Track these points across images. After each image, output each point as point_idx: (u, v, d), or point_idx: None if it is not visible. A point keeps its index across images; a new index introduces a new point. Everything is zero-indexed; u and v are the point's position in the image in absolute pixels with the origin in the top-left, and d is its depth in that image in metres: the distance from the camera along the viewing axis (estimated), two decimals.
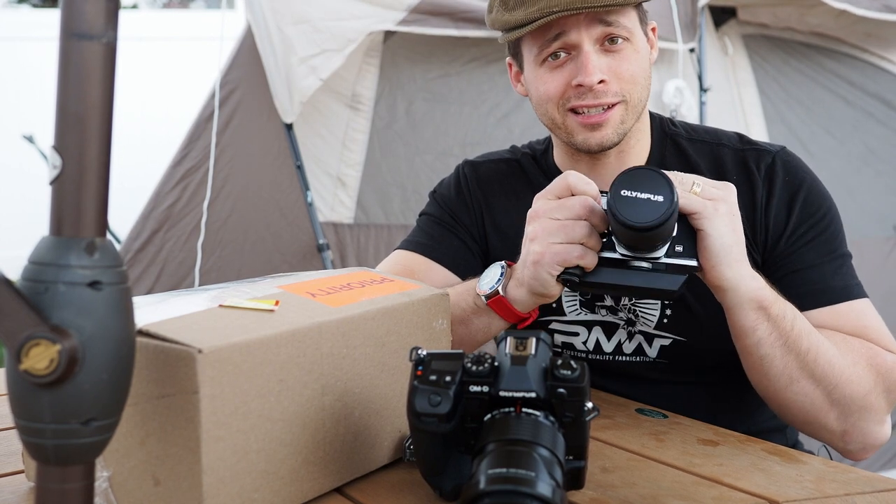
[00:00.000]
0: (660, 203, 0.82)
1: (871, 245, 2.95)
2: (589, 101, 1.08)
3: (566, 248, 0.90)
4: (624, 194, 0.83)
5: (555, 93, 1.10)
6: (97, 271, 0.49)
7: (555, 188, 0.93)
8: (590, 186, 0.91)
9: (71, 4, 0.48)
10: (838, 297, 1.07)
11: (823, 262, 1.09)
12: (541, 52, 1.10)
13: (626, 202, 0.82)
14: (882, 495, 0.76)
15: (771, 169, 1.13)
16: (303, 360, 0.71)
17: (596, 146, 1.10)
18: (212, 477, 0.63)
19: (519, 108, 2.89)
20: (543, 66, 1.11)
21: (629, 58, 1.09)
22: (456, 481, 0.70)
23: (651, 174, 0.83)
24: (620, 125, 1.10)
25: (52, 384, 0.48)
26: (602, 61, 1.07)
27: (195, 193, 2.79)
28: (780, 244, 1.11)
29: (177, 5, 10.33)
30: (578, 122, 1.09)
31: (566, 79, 1.09)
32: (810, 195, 1.11)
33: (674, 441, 0.90)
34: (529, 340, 0.69)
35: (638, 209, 0.82)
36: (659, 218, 0.81)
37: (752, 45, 3.10)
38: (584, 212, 0.90)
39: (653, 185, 0.82)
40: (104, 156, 0.50)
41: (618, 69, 1.08)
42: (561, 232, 0.90)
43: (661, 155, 1.19)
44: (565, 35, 1.07)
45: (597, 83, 1.06)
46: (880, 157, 3.10)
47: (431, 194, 1.33)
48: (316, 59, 2.64)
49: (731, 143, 1.18)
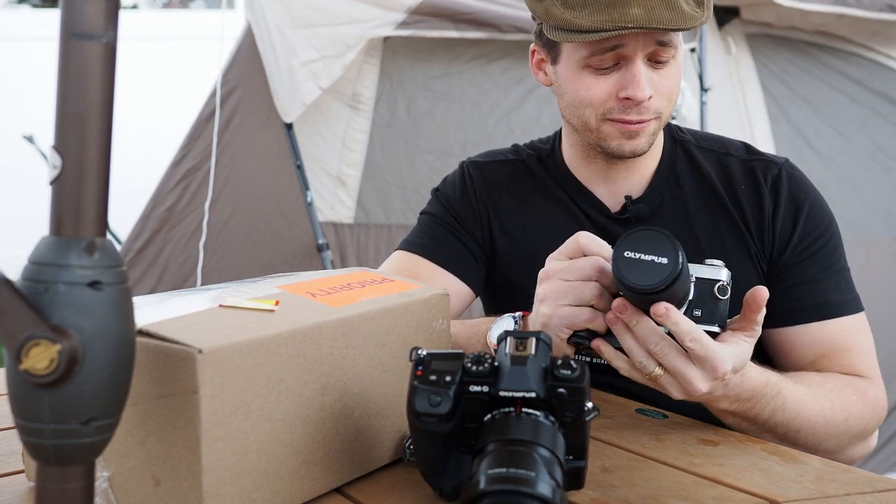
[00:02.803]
0: (664, 266, 0.78)
1: (878, 244, 2.95)
2: (632, 116, 1.07)
3: (574, 310, 0.87)
4: (627, 255, 0.79)
5: (598, 100, 1.08)
6: (97, 271, 0.49)
7: (566, 249, 0.91)
8: (603, 248, 0.88)
9: (71, 4, 0.48)
10: (835, 311, 1.10)
11: (824, 276, 1.11)
12: (591, 58, 1.07)
13: (630, 264, 0.79)
14: (882, 495, 0.76)
15: (777, 180, 1.14)
16: (303, 360, 0.71)
17: (629, 153, 1.11)
18: (212, 477, 0.63)
19: (520, 107, 2.89)
20: (587, 70, 1.09)
21: (671, 75, 1.09)
22: (456, 481, 0.70)
23: (656, 235, 0.79)
24: (652, 136, 1.11)
25: (52, 384, 0.48)
26: (650, 76, 1.07)
27: (196, 193, 2.79)
28: (784, 256, 1.12)
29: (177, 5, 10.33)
30: (618, 129, 1.09)
31: (612, 89, 1.07)
32: (813, 209, 1.13)
33: (674, 441, 0.90)
34: (529, 340, 0.69)
35: (641, 271, 0.78)
36: (662, 281, 0.78)
37: (756, 45, 3.09)
38: (594, 273, 0.87)
39: (657, 247, 0.78)
40: (104, 156, 0.50)
41: (660, 85, 1.08)
42: (570, 294, 0.87)
43: (673, 161, 1.19)
44: (622, 48, 1.05)
45: (647, 99, 1.06)
46: (888, 155, 3.10)
47: (434, 192, 1.31)
48: (316, 65, 2.64)
49: (739, 153, 1.19)
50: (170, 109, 5.20)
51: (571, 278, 0.88)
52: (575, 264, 0.88)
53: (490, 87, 2.91)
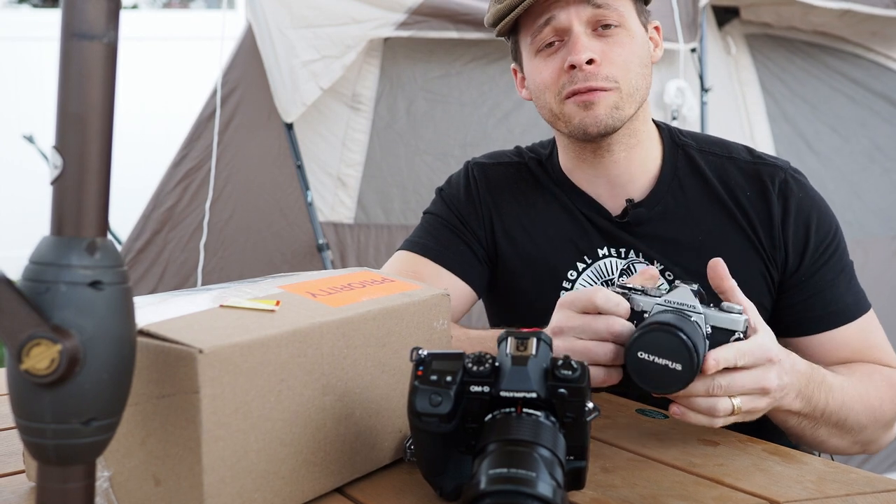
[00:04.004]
0: (677, 373, 0.77)
1: (876, 244, 2.95)
2: (580, 85, 1.07)
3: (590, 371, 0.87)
4: (641, 357, 0.78)
5: (550, 79, 1.10)
6: (98, 271, 0.49)
7: (579, 303, 0.88)
8: (619, 307, 0.86)
9: (72, 4, 0.48)
10: (852, 314, 1.12)
11: (838, 280, 1.13)
12: (534, 40, 1.11)
13: (643, 366, 0.78)
14: (882, 496, 0.76)
15: (785, 185, 1.14)
16: (303, 361, 0.71)
17: (593, 128, 1.08)
18: (212, 477, 0.63)
19: (519, 108, 2.89)
20: (538, 57, 1.12)
21: (621, 42, 1.08)
22: (456, 481, 0.70)
23: (670, 339, 0.77)
24: (615, 110, 1.08)
25: (52, 384, 0.48)
26: (593, 44, 1.08)
27: (196, 193, 2.79)
28: (802, 266, 1.12)
29: (177, 5, 10.33)
30: (573, 104, 1.09)
31: (559, 64, 1.09)
32: (822, 215, 1.14)
33: (674, 441, 0.90)
34: (530, 341, 0.69)
35: (655, 375, 0.78)
36: (675, 388, 0.78)
37: (756, 45, 3.09)
38: (609, 335, 0.86)
39: (672, 352, 0.77)
40: (105, 156, 0.50)
41: (609, 53, 1.08)
42: (585, 355, 0.86)
43: (674, 166, 1.18)
44: (555, 20, 1.08)
45: (585, 62, 1.06)
46: (887, 155, 3.10)
47: (439, 192, 1.30)
48: (316, 65, 2.65)
49: (741, 156, 1.18)
50: (170, 109, 5.20)
51: (586, 338, 0.86)
52: (591, 324, 0.86)
53: (490, 88, 2.91)
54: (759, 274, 1.13)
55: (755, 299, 1.13)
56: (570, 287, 1.17)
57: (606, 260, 1.16)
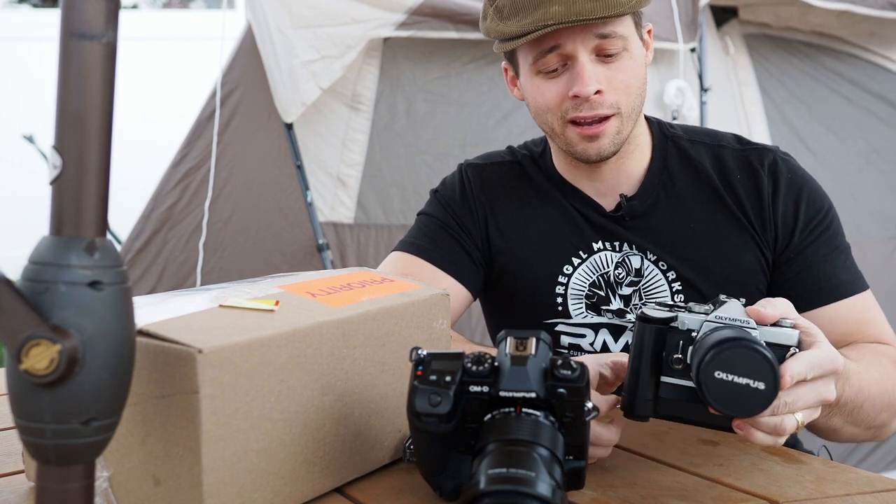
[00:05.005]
0: (760, 392, 0.69)
1: (873, 245, 2.95)
2: (585, 113, 1.08)
3: None
4: (718, 377, 0.70)
5: (553, 103, 1.10)
6: (97, 271, 0.49)
7: None
8: (613, 438, 0.83)
9: (71, 4, 0.48)
10: (848, 290, 1.12)
11: (831, 257, 1.13)
12: (536, 63, 1.10)
13: (720, 386, 0.70)
14: (882, 495, 0.76)
15: (774, 166, 1.15)
16: (303, 360, 0.71)
17: (595, 156, 1.11)
18: (212, 477, 0.63)
19: (518, 108, 2.89)
20: (539, 76, 1.11)
21: (625, 67, 1.08)
22: (456, 481, 0.70)
23: (752, 356, 0.70)
24: (616, 136, 1.10)
25: (52, 384, 0.48)
26: (598, 71, 1.07)
27: (196, 193, 2.79)
28: (792, 242, 1.13)
29: (177, 5, 10.33)
30: (578, 134, 1.10)
31: (563, 89, 1.09)
32: (812, 192, 1.15)
33: (674, 441, 0.90)
34: (530, 340, 0.69)
35: (735, 397, 0.70)
36: (759, 409, 0.71)
37: (754, 45, 3.09)
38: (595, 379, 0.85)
39: (753, 368, 0.70)
40: (104, 156, 0.50)
41: (613, 80, 1.08)
42: None
43: (664, 157, 1.19)
44: (560, 48, 1.07)
45: (593, 94, 1.06)
46: (883, 157, 3.09)
47: (433, 193, 1.30)
48: (316, 65, 2.64)
49: (731, 144, 1.19)
50: (170, 109, 5.20)
51: None
52: None
53: (489, 88, 2.91)
54: (753, 258, 1.14)
55: (751, 283, 1.13)
56: (566, 282, 1.18)
57: (601, 254, 1.17)
